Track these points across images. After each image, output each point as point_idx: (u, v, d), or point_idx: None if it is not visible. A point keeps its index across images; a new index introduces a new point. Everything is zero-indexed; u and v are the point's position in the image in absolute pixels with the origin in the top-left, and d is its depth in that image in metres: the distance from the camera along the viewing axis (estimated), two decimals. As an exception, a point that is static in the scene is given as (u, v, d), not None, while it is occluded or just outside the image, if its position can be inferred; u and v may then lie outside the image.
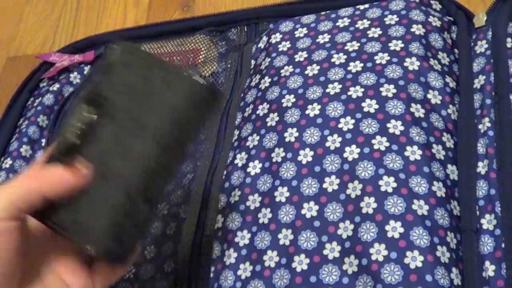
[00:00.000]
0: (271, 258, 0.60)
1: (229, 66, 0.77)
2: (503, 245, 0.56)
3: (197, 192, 0.67)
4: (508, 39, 0.66)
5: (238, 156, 0.67)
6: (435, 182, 0.58)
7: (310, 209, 0.60)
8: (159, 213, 0.69)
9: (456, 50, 0.69)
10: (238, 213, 0.64)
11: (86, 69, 0.86)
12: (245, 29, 0.81)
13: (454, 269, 0.55)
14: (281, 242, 0.60)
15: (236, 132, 0.70)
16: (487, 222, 0.58)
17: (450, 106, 0.64)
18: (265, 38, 0.77)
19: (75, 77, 0.85)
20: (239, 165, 0.67)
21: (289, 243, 0.60)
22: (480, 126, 0.63)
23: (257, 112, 0.69)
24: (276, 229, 0.61)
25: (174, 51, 0.81)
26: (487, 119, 0.62)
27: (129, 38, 0.85)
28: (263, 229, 0.61)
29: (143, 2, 0.97)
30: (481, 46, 0.67)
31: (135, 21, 0.95)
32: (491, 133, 0.61)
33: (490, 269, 0.55)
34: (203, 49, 0.80)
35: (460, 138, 0.63)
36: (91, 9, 0.99)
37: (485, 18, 0.69)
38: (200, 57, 0.79)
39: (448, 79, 0.65)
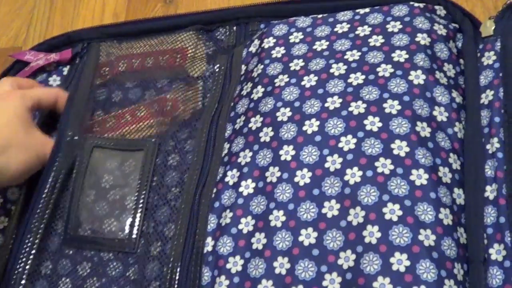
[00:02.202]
0: None
1: (217, 70, 0.73)
2: (513, 279, 0.53)
3: (184, 211, 0.63)
4: (518, 51, 0.62)
5: (229, 173, 0.63)
6: (442, 209, 0.55)
7: (308, 236, 0.57)
8: (144, 231, 0.65)
9: (461, 61, 0.65)
10: (230, 236, 0.60)
11: (65, 70, 0.80)
12: (234, 29, 0.76)
13: None
14: (277, 271, 0.56)
15: (226, 146, 0.66)
16: (496, 252, 0.55)
17: (457, 123, 0.60)
18: (256, 42, 0.72)
19: (54, 80, 0.80)
20: (230, 183, 0.62)
21: (285, 272, 0.56)
22: (488, 146, 0.59)
23: (249, 125, 0.64)
24: (272, 257, 0.57)
25: (159, 50, 0.76)
26: (496, 139, 0.59)
27: (109, 35, 0.80)
28: (257, 255, 0.58)
29: (123, -8, 0.91)
30: (489, 58, 0.63)
31: (114, 13, 0.90)
32: (500, 155, 0.58)
33: None
34: (189, 47, 0.75)
35: (467, 160, 0.59)
36: (67, -1, 0.94)
37: (493, 27, 0.64)
38: (188, 56, 0.74)
39: (454, 94, 0.62)
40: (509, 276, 0.53)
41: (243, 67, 0.71)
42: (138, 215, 0.66)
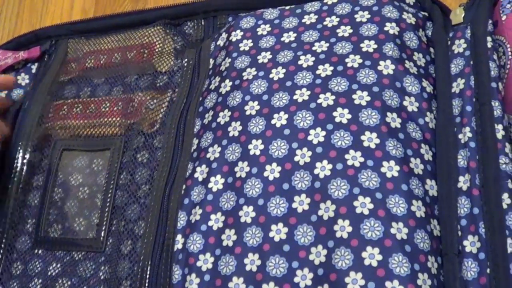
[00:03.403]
0: (237, 285, 0.55)
1: (185, 64, 0.71)
2: (488, 271, 0.52)
3: (154, 208, 0.62)
4: (488, 38, 0.61)
5: (198, 169, 0.62)
6: (414, 201, 0.54)
7: (278, 232, 0.55)
8: (114, 230, 0.64)
9: (432, 50, 0.64)
10: (200, 233, 0.58)
11: (34, 67, 0.79)
12: (202, 23, 0.75)
13: None
14: (247, 268, 0.55)
15: (195, 141, 0.64)
16: (470, 244, 0.54)
17: (428, 113, 0.59)
18: (224, 35, 0.70)
19: (23, 79, 0.79)
20: (200, 179, 0.61)
21: (256, 269, 0.55)
22: (460, 136, 0.58)
23: (218, 120, 0.63)
24: (242, 253, 0.56)
25: (126, 46, 0.75)
26: (468, 128, 0.58)
27: (77, 32, 0.79)
28: (228, 252, 0.57)
29: (91, -12, 0.90)
30: (459, 46, 0.62)
31: (82, 8, 0.88)
32: (472, 144, 0.57)
33: None
34: (157, 42, 0.73)
35: (439, 150, 0.58)
36: (35, -5, 0.92)
37: (463, 15, 0.63)
38: (155, 51, 0.73)
39: (424, 83, 0.60)
40: (484, 268, 0.52)
41: (211, 61, 0.70)
42: (106, 214, 0.65)
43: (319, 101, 0.59)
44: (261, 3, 0.72)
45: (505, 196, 0.53)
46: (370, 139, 0.56)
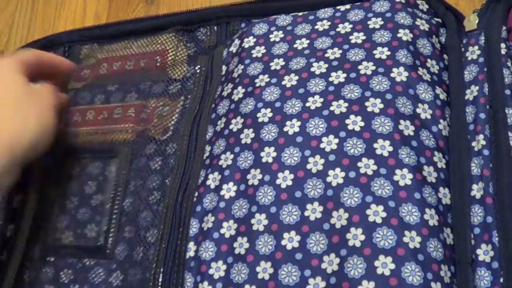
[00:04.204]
0: None
1: (198, 71, 0.71)
2: (501, 280, 0.51)
3: (166, 215, 0.62)
4: (502, 45, 0.60)
5: (211, 176, 0.62)
6: (427, 210, 0.53)
7: (291, 240, 0.55)
8: (125, 237, 0.64)
9: (445, 56, 0.63)
10: (212, 241, 0.58)
11: None
12: (215, 29, 0.74)
13: None
14: (259, 276, 0.55)
15: (208, 148, 0.64)
16: (483, 253, 0.53)
17: (441, 120, 0.59)
18: (237, 42, 0.70)
19: None
20: (212, 186, 0.61)
21: (268, 277, 0.55)
22: (473, 144, 0.58)
23: (230, 127, 0.63)
24: (254, 261, 0.56)
25: (139, 53, 0.75)
26: (481, 136, 0.57)
27: (90, 37, 0.79)
28: (240, 260, 0.56)
29: (104, -6, 0.90)
30: (473, 53, 0.62)
31: (95, 14, 0.88)
32: (486, 152, 0.56)
33: None
34: (170, 50, 0.73)
35: (452, 157, 0.58)
36: (48, 1, 0.93)
37: (476, 21, 0.63)
38: (168, 58, 0.73)
39: (438, 90, 0.60)
40: (497, 278, 0.52)
41: (224, 68, 0.70)
42: (114, 221, 0.65)
43: (331, 108, 0.59)
44: (274, 9, 0.72)
45: (519, 204, 0.53)
46: (383, 147, 0.56)
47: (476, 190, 0.56)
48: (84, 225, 0.67)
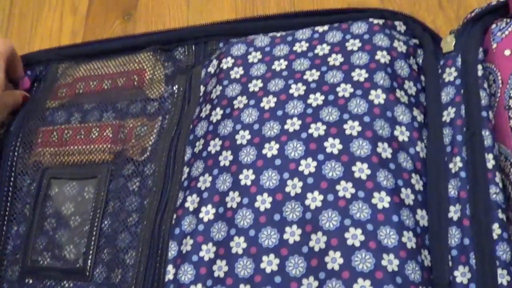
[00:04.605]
0: None
1: (176, 91, 0.71)
2: (478, 303, 0.52)
3: (145, 238, 0.62)
4: (479, 66, 0.61)
5: (189, 198, 0.62)
6: (405, 232, 0.54)
7: (270, 263, 0.55)
8: (103, 258, 0.64)
9: (422, 78, 0.64)
10: (191, 264, 0.58)
11: None
12: (193, 48, 0.74)
13: None
14: None
15: (186, 170, 0.64)
16: (461, 274, 0.54)
17: (418, 142, 0.59)
18: (215, 62, 0.70)
19: None
20: (190, 209, 0.61)
21: None
22: (451, 166, 0.58)
23: (209, 149, 0.63)
24: (233, 285, 0.56)
25: (116, 72, 0.74)
26: (458, 158, 0.58)
27: (67, 56, 0.78)
28: (219, 283, 0.56)
29: (80, 10, 0.89)
30: (450, 74, 0.62)
31: (72, 30, 0.88)
32: (463, 174, 0.57)
33: None
34: (147, 69, 0.73)
35: (429, 180, 0.58)
36: (24, 16, 0.92)
37: (453, 42, 0.63)
38: (146, 78, 0.72)
39: (415, 112, 0.60)
40: (474, 299, 0.52)
41: (202, 88, 0.70)
42: (92, 242, 0.64)
43: (310, 131, 0.59)
44: (252, 29, 0.72)
45: (496, 226, 0.53)
46: (361, 170, 0.56)
47: (453, 212, 0.56)
48: (63, 247, 0.66)
